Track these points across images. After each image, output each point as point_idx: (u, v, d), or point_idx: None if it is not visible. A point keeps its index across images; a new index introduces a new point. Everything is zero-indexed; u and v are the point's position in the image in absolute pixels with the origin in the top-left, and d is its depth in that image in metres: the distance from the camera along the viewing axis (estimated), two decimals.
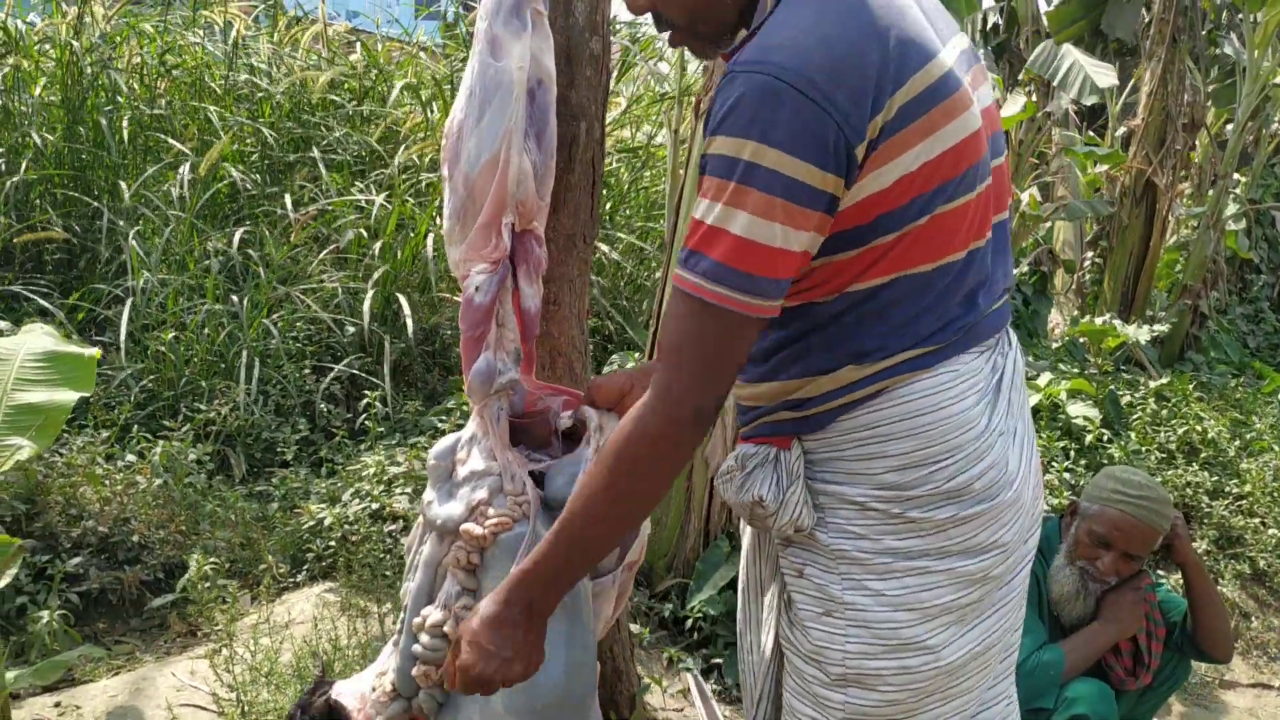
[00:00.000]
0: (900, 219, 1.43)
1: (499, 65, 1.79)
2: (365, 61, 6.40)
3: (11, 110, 5.45)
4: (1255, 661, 4.19)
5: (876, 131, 1.37)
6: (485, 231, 1.80)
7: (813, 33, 1.37)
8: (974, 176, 1.48)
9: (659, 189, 6.12)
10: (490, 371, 1.83)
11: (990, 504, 1.55)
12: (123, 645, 3.50)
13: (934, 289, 1.49)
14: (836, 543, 1.56)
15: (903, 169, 1.40)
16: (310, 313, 4.87)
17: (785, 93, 1.33)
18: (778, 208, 1.35)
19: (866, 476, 1.54)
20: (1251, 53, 7.24)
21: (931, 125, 1.41)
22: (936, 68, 1.42)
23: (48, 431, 2.83)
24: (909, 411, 1.51)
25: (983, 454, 1.54)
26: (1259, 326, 8.57)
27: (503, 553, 1.77)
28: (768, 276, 1.39)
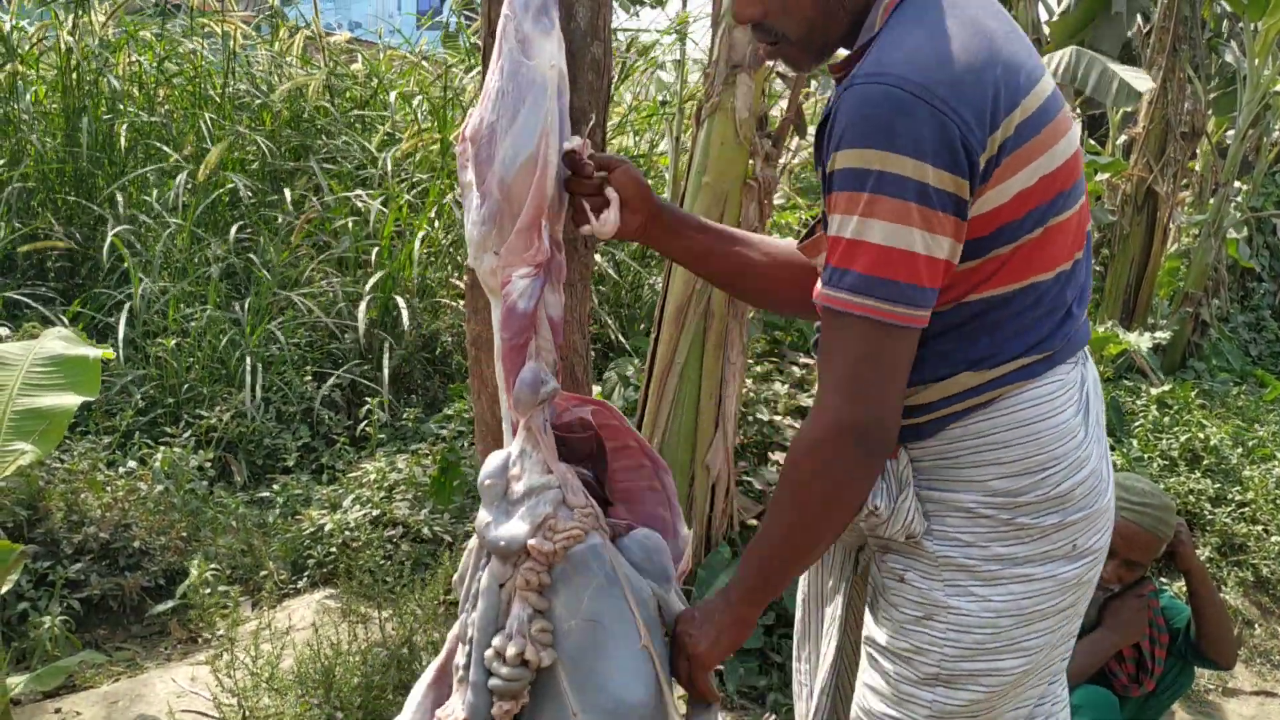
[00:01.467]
0: (1018, 231, 1.49)
1: (531, 64, 1.73)
2: (366, 70, 6.41)
3: (11, 117, 5.46)
4: (1259, 669, 4.18)
5: (996, 148, 1.43)
6: (526, 235, 1.73)
7: (932, 50, 1.43)
8: (1079, 190, 1.56)
9: (660, 196, 6.12)
10: (536, 380, 1.74)
11: (1089, 510, 1.60)
12: (123, 651, 3.49)
13: (1046, 298, 1.54)
14: (943, 550, 1.59)
15: (1021, 184, 1.46)
16: (311, 318, 4.88)
17: (910, 102, 1.38)
18: (914, 213, 1.40)
19: (979, 483, 1.57)
20: (1252, 61, 7.25)
21: (1044, 144, 1.48)
22: (1043, 89, 1.49)
23: (51, 436, 2.83)
24: (1021, 420, 1.54)
25: (1084, 461, 1.58)
26: (1260, 334, 8.58)
27: (575, 568, 1.68)
28: (914, 284, 1.43)
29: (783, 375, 4.66)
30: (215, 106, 5.93)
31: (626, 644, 1.67)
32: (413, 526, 3.81)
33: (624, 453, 1.89)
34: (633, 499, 1.90)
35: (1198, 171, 8.26)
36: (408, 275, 5.04)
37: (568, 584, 1.67)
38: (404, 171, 5.59)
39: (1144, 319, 7.39)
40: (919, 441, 1.59)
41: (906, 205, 1.39)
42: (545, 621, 1.67)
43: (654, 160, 6.22)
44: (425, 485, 3.98)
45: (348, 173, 5.70)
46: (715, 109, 3.60)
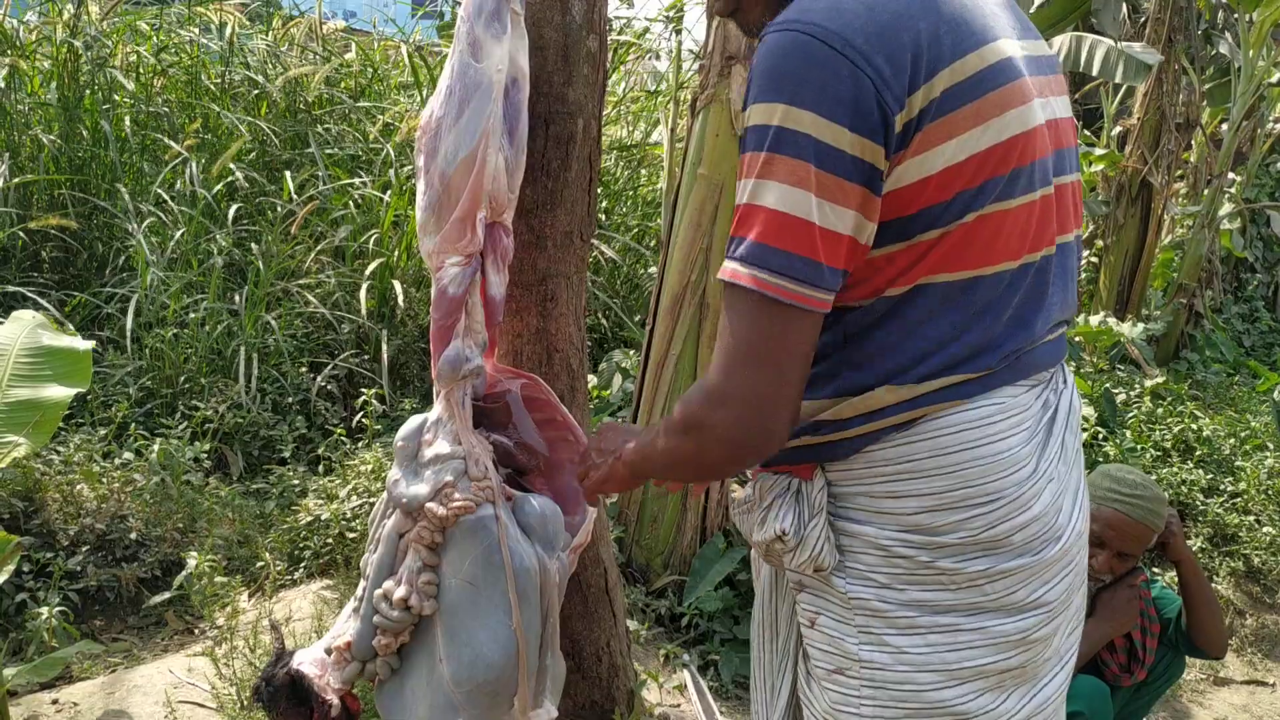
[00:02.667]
0: (944, 214, 1.28)
1: (479, 67, 1.85)
2: (361, 60, 6.40)
3: (9, 109, 5.46)
4: (1250, 658, 4.20)
5: (918, 109, 1.23)
6: (460, 226, 1.87)
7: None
8: (1029, 179, 1.33)
9: (655, 188, 6.13)
10: (458, 358, 1.91)
11: (1033, 559, 1.39)
12: (120, 642, 3.50)
13: (978, 301, 1.32)
14: (855, 590, 1.40)
15: (947, 158, 1.26)
16: (309, 309, 4.88)
17: (816, 49, 1.21)
18: (812, 177, 1.21)
19: (894, 516, 1.37)
20: (1246, 52, 7.25)
21: (981, 113, 1.26)
22: (991, 53, 1.29)
23: (44, 428, 2.83)
24: (946, 446, 1.34)
25: (1028, 502, 1.37)
26: (1254, 325, 8.60)
27: (464, 534, 1.88)
28: (810, 258, 1.23)
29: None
30: (212, 96, 5.92)
31: (495, 609, 1.89)
32: None
33: (550, 425, 2.09)
34: (556, 469, 2.11)
35: (1192, 163, 8.28)
36: (404, 264, 5.05)
37: (456, 546, 1.89)
38: (403, 159, 5.58)
39: (1138, 310, 7.41)
40: (836, 463, 1.41)
41: (805, 167, 1.21)
42: (432, 575, 1.91)
43: (648, 150, 6.22)
44: None
45: (344, 161, 5.70)
46: (710, 100, 3.61)
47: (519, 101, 1.89)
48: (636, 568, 3.83)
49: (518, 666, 1.91)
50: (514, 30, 1.88)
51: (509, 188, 1.91)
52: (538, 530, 1.93)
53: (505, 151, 1.88)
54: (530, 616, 1.92)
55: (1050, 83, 1.41)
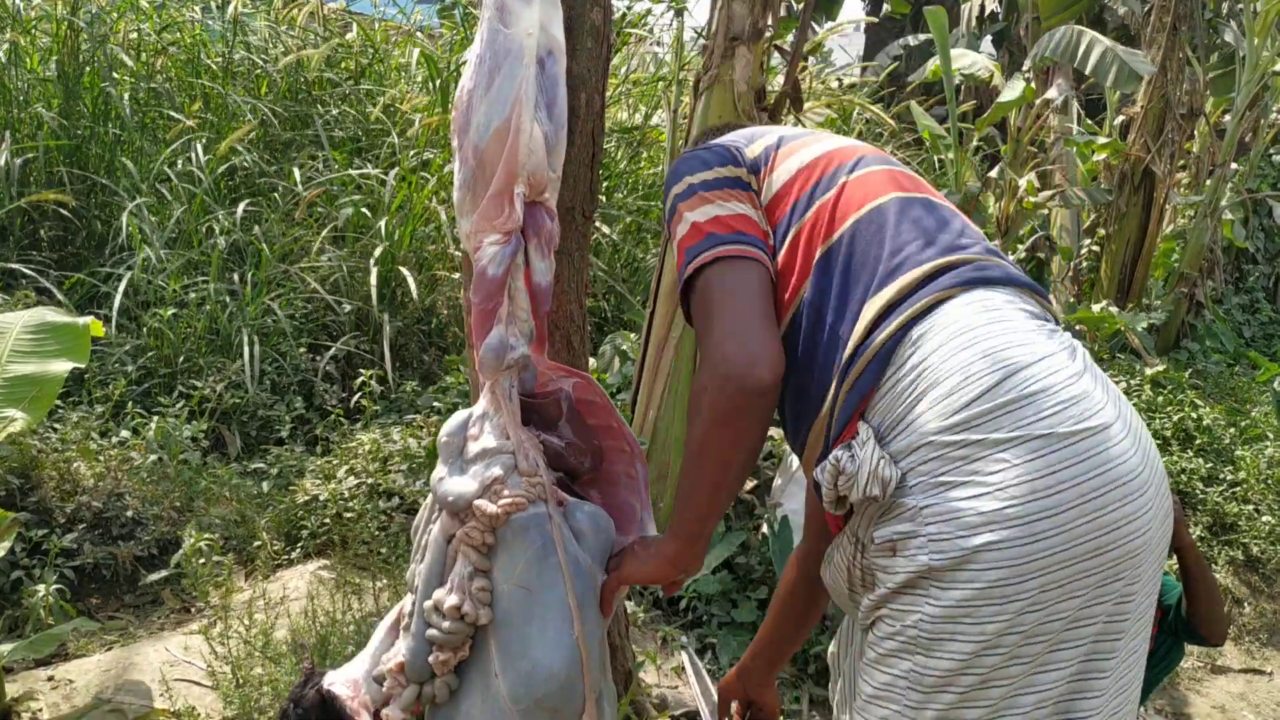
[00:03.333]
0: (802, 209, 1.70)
1: (508, 32, 1.75)
2: (361, 40, 6.37)
3: (8, 85, 5.42)
4: (1247, 647, 4.20)
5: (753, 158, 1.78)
6: (497, 201, 1.75)
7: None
8: (832, 179, 1.73)
9: (656, 170, 6.10)
10: (502, 346, 1.77)
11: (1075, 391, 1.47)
12: (116, 620, 3.49)
13: (874, 232, 1.63)
14: (918, 499, 1.47)
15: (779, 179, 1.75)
16: (309, 291, 4.86)
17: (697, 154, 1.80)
18: (706, 198, 1.71)
19: (930, 409, 1.47)
20: (1251, 41, 7.23)
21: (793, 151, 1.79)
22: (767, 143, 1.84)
23: (41, 403, 2.82)
24: (948, 334, 1.51)
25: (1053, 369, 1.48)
26: (1254, 316, 8.59)
27: (515, 533, 1.71)
28: (735, 231, 1.66)
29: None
30: (213, 76, 5.89)
31: (554, 615, 1.70)
32: (407, 497, 3.81)
33: (607, 433, 1.92)
34: (611, 481, 1.94)
35: (1195, 152, 8.25)
36: (405, 248, 5.03)
37: (507, 548, 1.71)
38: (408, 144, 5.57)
39: (1139, 299, 7.40)
40: (865, 401, 1.54)
41: (698, 197, 1.71)
42: (485, 580, 1.72)
43: (649, 133, 6.19)
44: (420, 457, 3.98)
45: (344, 143, 5.68)
46: (714, 81, 3.59)
47: (555, 75, 1.79)
48: None
49: (582, 679, 1.73)
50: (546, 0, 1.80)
51: (551, 166, 1.80)
52: (589, 537, 1.78)
53: (544, 126, 1.77)
54: (592, 625, 1.75)
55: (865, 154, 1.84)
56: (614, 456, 1.94)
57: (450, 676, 1.76)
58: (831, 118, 7.04)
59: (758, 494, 4.01)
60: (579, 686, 1.72)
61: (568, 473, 1.87)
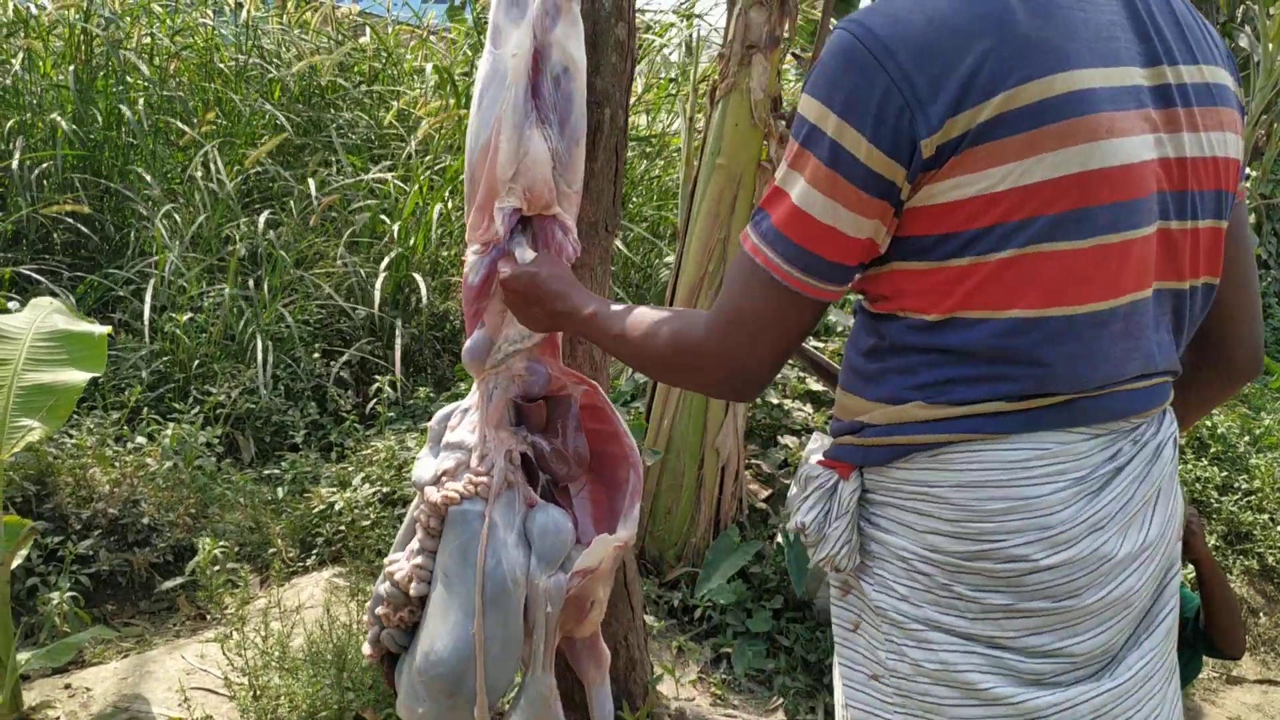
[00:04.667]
0: (975, 243, 1.22)
1: (497, 53, 1.84)
2: (375, 45, 6.37)
3: (22, 90, 5.44)
4: (1263, 658, 4.18)
5: (958, 132, 1.18)
6: (479, 215, 1.85)
7: (922, 5, 1.21)
8: (1111, 219, 1.22)
9: (671, 177, 6.10)
10: (481, 348, 1.90)
11: (1061, 604, 1.30)
12: (132, 627, 3.50)
13: (1025, 340, 1.24)
14: (878, 599, 1.38)
15: (983, 186, 1.19)
16: (323, 296, 4.87)
17: (860, 55, 1.20)
18: (830, 181, 1.24)
19: (916, 533, 1.33)
20: (1265, 46, 7.20)
21: (1035, 144, 1.18)
22: (1062, 83, 1.19)
23: (59, 413, 2.83)
24: (971, 481, 1.28)
25: (1058, 545, 1.28)
26: (1268, 322, 8.55)
27: (450, 524, 1.87)
28: (821, 255, 1.27)
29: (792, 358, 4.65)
30: (226, 81, 5.90)
31: (458, 606, 1.87)
32: None
33: (610, 439, 2.04)
34: (614, 486, 2.05)
35: None
36: (420, 254, 5.03)
37: (445, 536, 1.89)
38: (423, 148, 5.57)
39: None
40: (871, 468, 1.38)
41: (826, 170, 1.24)
42: (425, 559, 1.91)
43: (665, 140, 6.19)
44: None
45: (359, 147, 5.68)
46: (730, 90, 3.58)
47: (570, 91, 1.85)
48: (649, 559, 3.82)
49: (473, 673, 1.87)
50: (565, 19, 1.85)
51: (567, 181, 1.87)
52: (536, 543, 1.89)
53: (554, 143, 1.84)
54: (497, 625, 1.86)
55: (1193, 116, 1.29)
56: (616, 463, 2.05)
57: (398, 633, 1.97)
58: None
59: (772, 504, 4.01)
60: (470, 680, 1.86)
61: (553, 477, 2.00)
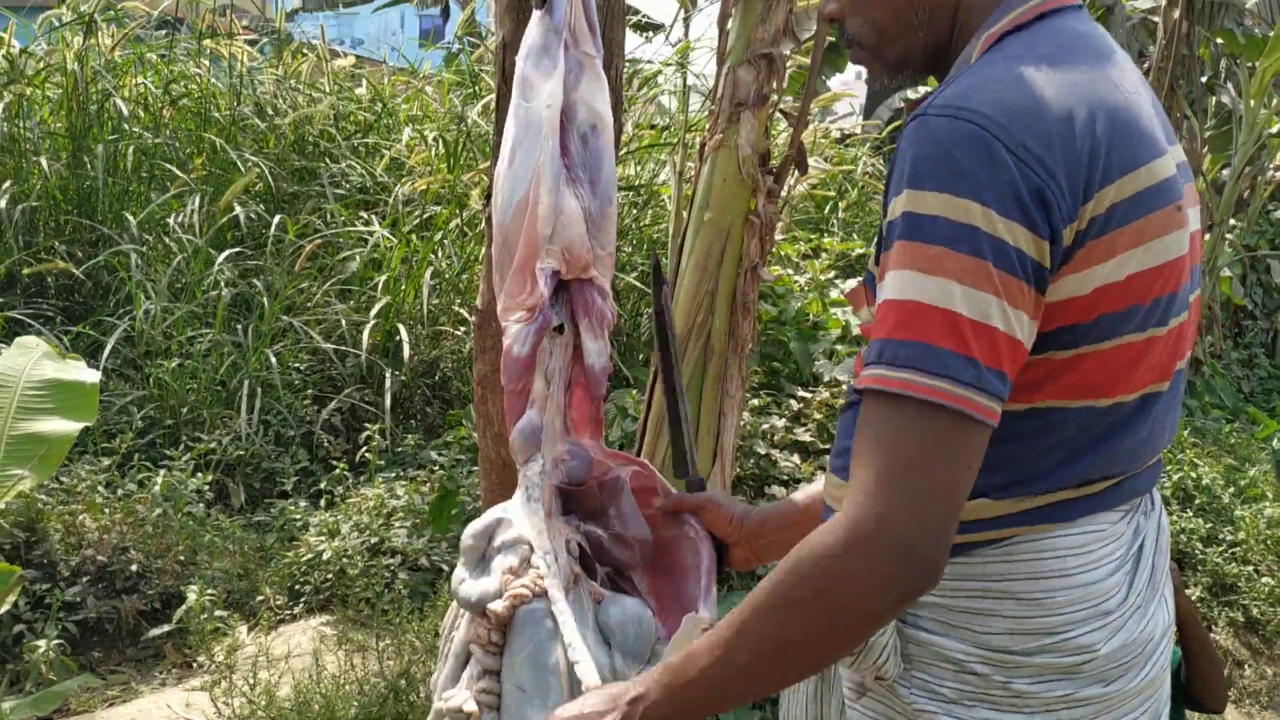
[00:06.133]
0: (1084, 335, 1.19)
1: (528, 106, 1.72)
2: (370, 94, 6.45)
3: (16, 137, 5.49)
4: (1248, 710, 4.20)
5: (1086, 221, 1.15)
6: (519, 278, 1.68)
7: (1023, 88, 1.16)
8: (1168, 308, 1.24)
9: (660, 228, 6.15)
10: (535, 430, 1.67)
11: (1111, 688, 1.29)
12: (118, 675, 3.49)
13: (1098, 430, 1.24)
14: (921, 703, 1.29)
15: (1102, 277, 1.17)
16: (313, 343, 4.90)
17: (988, 142, 1.12)
18: (992, 276, 1.11)
19: (974, 634, 1.27)
20: (1248, 101, 7.32)
21: (1143, 234, 1.18)
22: (1161, 169, 1.21)
23: (50, 462, 2.83)
24: (1039, 571, 1.25)
25: (1116, 629, 1.28)
26: (1253, 372, 8.62)
27: (516, 633, 1.57)
28: (993, 367, 1.12)
29: (780, 409, 4.69)
30: (220, 129, 5.96)
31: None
32: (410, 555, 3.82)
33: (673, 520, 1.78)
34: (679, 572, 1.77)
35: None
36: (411, 303, 5.07)
37: (509, 646, 1.58)
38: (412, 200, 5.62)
39: None
40: None
41: (983, 265, 1.10)
42: (490, 682, 1.58)
43: (654, 191, 6.25)
44: (424, 512, 4.00)
45: (351, 197, 5.74)
46: (719, 146, 3.64)
47: (599, 148, 1.74)
48: None
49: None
50: (588, 75, 1.75)
51: (599, 243, 1.72)
52: (617, 635, 1.61)
53: (586, 201, 1.71)
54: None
55: (1189, 192, 1.30)
56: (680, 544, 1.78)
57: None
58: (832, 173, 7.10)
59: None
60: None
61: (614, 566, 1.74)
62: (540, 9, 1.77)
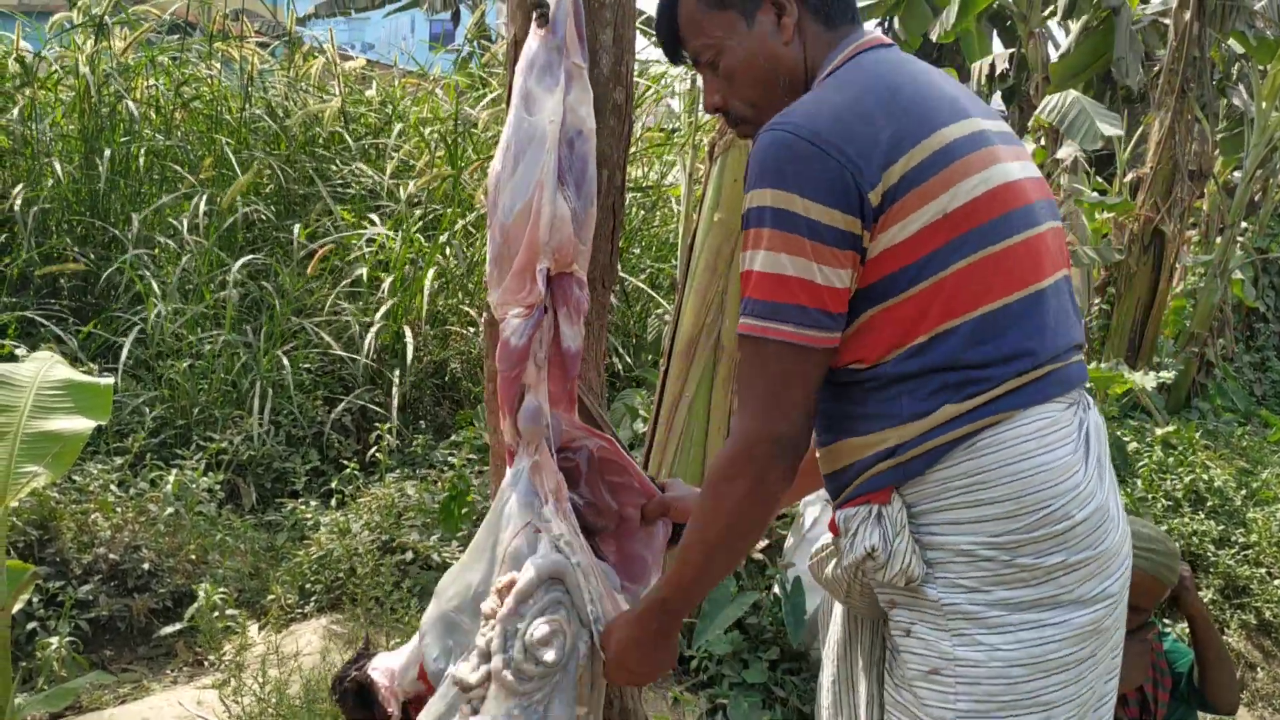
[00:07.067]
0: (931, 266, 1.53)
1: (532, 120, 1.87)
2: (380, 97, 6.47)
3: (29, 140, 5.52)
4: (1260, 713, 4.18)
5: (888, 187, 1.51)
6: (520, 278, 1.87)
7: (827, 101, 1.56)
8: (1008, 224, 1.57)
9: (670, 229, 6.17)
10: (537, 411, 1.90)
11: (1096, 551, 1.57)
12: (130, 673, 3.51)
13: (1009, 324, 1.54)
14: (947, 597, 1.57)
15: (920, 222, 1.52)
16: (323, 345, 4.91)
17: (797, 144, 1.51)
18: (807, 247, 1.50)
19: (974, 524, 1.55)
20: (1259, 104, 7.30)
21: (945, 182, 1.53)
22: (954, 131, 1.56)
23: (64, 459, 2.85)
24: (1008, 458, 1.53)
25: (1086, 499, 1.56)
26: (1265, 375, 8.60)
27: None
28: (820, 309, 1.52)
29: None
30: (231, 131, 5.99)
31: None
32: (421, 553, 3.83)
33: (627, 491, 2.04)
34: (628, 535, 2.06)
35: (1204, 212, 8.30)
36: (418, 304, 5.08)
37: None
38: (418, 199, 5.64)
39: (1149, 358, 7.41)
40: (910, 483, 1.58)
41: (799, 240, 1.50)
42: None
43: (663, 192, 6.26)
44: (434, 511, 4.00)
45: (360, 198, 5.75)
46: (729, 146, 3.64)
47: (584, 153, 1.91)
48: None
49: None
50: (576, 83, 1.90)
51: (580, 239, 1.91)
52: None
53: (573, 203, 1.88)
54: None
55: (1021, 150, 1.67)
56: (632, 513, 2.06)
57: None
58: None
59: (769, 554, 4.02)
60: None
61: (587, 530, 1.96)
62: (542, 28, 1.92)
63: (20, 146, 5.56)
